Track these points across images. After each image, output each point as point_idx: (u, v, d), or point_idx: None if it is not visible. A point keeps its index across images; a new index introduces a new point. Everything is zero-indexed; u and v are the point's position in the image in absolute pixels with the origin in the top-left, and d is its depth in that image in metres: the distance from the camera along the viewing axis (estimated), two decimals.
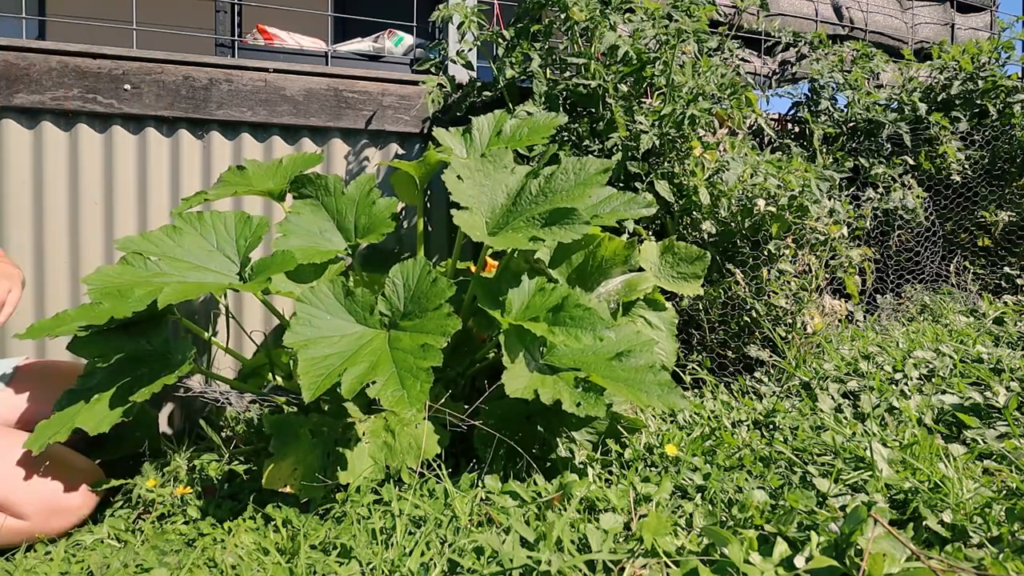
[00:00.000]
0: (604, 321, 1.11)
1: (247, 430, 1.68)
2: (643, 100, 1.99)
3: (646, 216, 1.89)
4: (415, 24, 2.37)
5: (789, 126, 2.79)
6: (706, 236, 1.91)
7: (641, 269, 1.60)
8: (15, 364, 1.49)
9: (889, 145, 2.63)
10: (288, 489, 1.16)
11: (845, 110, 2.68)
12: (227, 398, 1.57)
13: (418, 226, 1.99)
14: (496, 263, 1.58)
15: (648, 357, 1.22)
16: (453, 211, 1.21)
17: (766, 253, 1.91)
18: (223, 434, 1.69)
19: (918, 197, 2.50)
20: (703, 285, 1.79)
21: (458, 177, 1.28)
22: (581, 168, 1.27)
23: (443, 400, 1.25)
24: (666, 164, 1.91)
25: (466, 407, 1.41)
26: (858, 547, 0.81)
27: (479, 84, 2.19)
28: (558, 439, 1.32)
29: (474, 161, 1.31)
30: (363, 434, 1.18)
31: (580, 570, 0.86)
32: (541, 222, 1.19)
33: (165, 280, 1.28)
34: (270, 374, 1.60)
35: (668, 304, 1.59)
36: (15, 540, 1.22)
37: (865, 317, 2.38)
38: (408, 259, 1.25)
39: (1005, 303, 2.44)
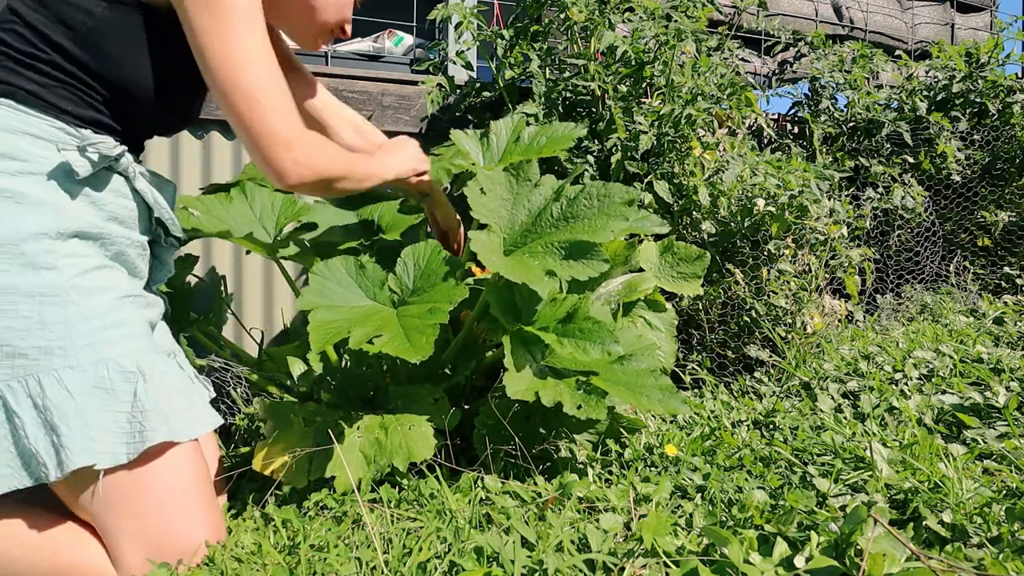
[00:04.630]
0: (613, 335, 1.11)
1: (248, 426, 1.68)
2: (642, 100, 1.99)
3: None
4: (415, 24, 2.37)
5: (789, 126, 2.79)
6: (706, 236, 1.91)
7: (641, 269, 1.60)
8: None
9: (889, 145, 2.64)
10: (276, 475, 1.16)
11: (845, 110, 2.68)
12: (231, 387, 1.58)
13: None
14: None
15: (650, 361, 1.22)
16: (470, 233, 1.19)
17: (766, 253, 1.91)
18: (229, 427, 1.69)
19: (918, 195, 2.50)
20: (703, 285, 1.79)
21: (481, 191, 1.25)
22: (605, 195, 1.21)
23: (441, 403, 1.24)
24: (665, 164, 1.91)
25: (466, 407, 1.41)
26: (858, 547, 0.81)
27: (478, 84, 2.19)
28: (558, 439, 1.32)
29: (497, 174, 1.28)
30: (357, 428, 1.18)
31: (580, 570, 0.86)
32: (560, 253, 1.17)
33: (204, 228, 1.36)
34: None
35: (668, 305, 1.59)
36: None
37: (865, 317, 2.38)
38: (420, 242, 1.28)
39: (1005, 303, 2.44)
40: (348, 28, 1.21)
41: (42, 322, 0.91)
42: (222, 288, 1.66)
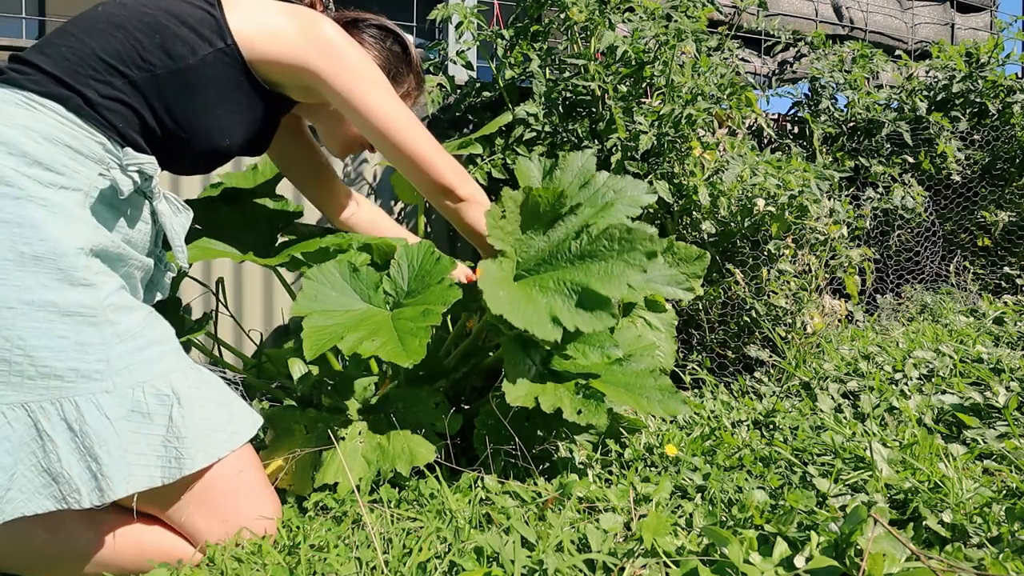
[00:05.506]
0: (613, 339, 1.10)
1: None
2: (642, 100, 1.99)
3: (651, 220, 1.89)
4: (415, 24, 2.37)
5: (789, 126, 2.79)
6: (706, 236, 1.91)
7: None
8: None
9: (889, 145, 2.64)
10: (278, 482, 1.16)
11: (845, 110, 2.69)
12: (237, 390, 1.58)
13: (419, 226, 1.99)
14: None
15: (649, 362, 1.22)
16: (480, 264, 1.14)
17: (766, 253, 1.91)
18: None
19: (919, 195, 2.50)
20: (703, 285, 1.79)
21: (502, 213, 1.19)
22: (628, 241, 1.14)
23: (443, 407, 1.24)
24: (665, 164, 1.91)
25: (466, 407, 1.41)
26: (858, 547, 0.81)
27: (479, 84, 2.19)
28: (557, 439, 1.32)
29: (522, 194, 1.21)
30: (359, 433, 1.18)
31: (580, 570, 0.86)
32: (571, 298, 1.12)
33: (194, 244, 1.32)
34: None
35: (668, 305, 1.59)
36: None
37: (865, 317, 2.38)
38: (414, 244, 1.27)
39: (1005, 303, 2.44)
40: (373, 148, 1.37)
41: (79, 343, 0.89)
42: (219, 290, 1.66)
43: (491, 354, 1.43)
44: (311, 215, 2.10)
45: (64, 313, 0.88)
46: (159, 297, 1.16)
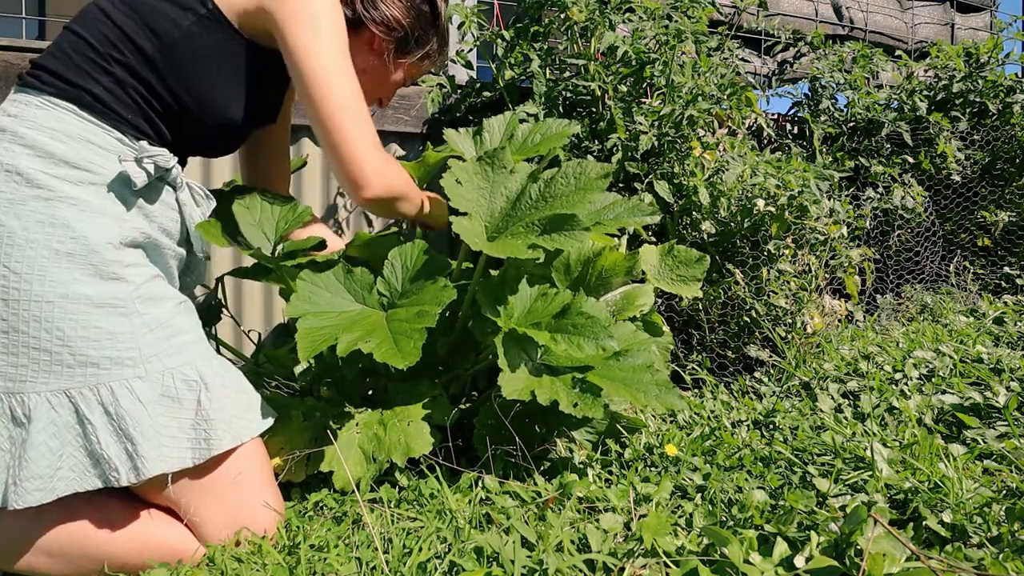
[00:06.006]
0: (607, 330, 1.11)
1: None
2: (643, 100, 1.99)
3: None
4: None
5: (789, 126, 2.79)
6: (706, 236, 1.91)
7: (642, 279, 1.59)
8: None
9: (889, 145, 2.63)
10: (275, 469, 1.16)
11: (845, 110, 2.68)
12: None
13: (418, 227, 1.99)
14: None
15: (645, 356, 1.22)
16: (452, 218, 1.19)
17: (766, 253, 1.91)
18: None
19: (919, 195, 2.50)
20: (703, 285, 1.79)
21: (457, 181, 1.26)
22: (581, 172, 1.26)
23: (440, 400, 1.24)
24: (666, 164, 1.91)
25: (466, 407, 1.41)
26: (858, 547, 0.81)
27: (479, 84, 2.19)
28: (557, 439, 1.32)
29: (472, 164, 1.29)
30: (356, 424, 1.18)
31: (580, 570, 0.86)
32: (541, 228, 1.19)
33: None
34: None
35: (665, 328, 1.58)
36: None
37: (865, 317, 2.38)
38: (407, 242, 1.27)
39: (1005, 303, 2.44)
40: (385, 102, 1.39)
41: (112, 333, 0.94)
42: (218, 291, 1.66)
43: (491, 355, 1.43)
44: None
45: (97, 305, 0.94)
46: (195, 281, 1.20)
